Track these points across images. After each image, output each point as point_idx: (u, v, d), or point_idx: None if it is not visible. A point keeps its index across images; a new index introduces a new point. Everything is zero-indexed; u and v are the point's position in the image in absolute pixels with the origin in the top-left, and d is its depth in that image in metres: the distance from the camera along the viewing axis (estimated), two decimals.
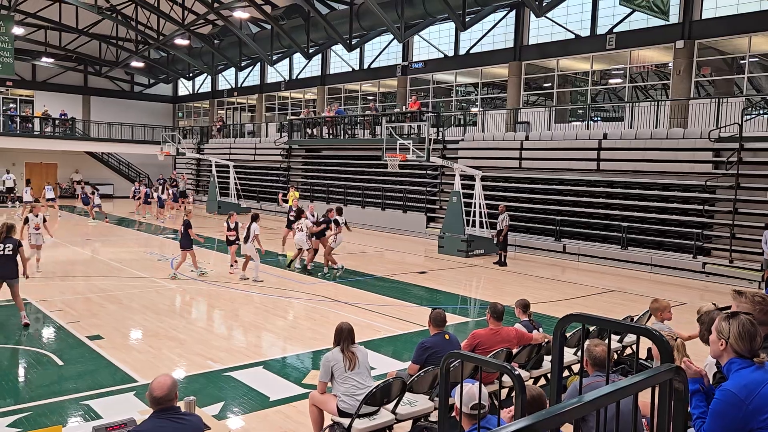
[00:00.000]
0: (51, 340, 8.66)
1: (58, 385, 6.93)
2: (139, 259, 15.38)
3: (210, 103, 39.19)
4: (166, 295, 11.69)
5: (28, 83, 36.63)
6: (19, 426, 5.72)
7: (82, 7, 28.53)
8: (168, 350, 8.19)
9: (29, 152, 34.33)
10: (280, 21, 27.20)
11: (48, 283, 12.22)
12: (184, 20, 28.53)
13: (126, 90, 40.47)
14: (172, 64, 37.42)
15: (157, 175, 37.76)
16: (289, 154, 29.78)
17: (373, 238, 21.80)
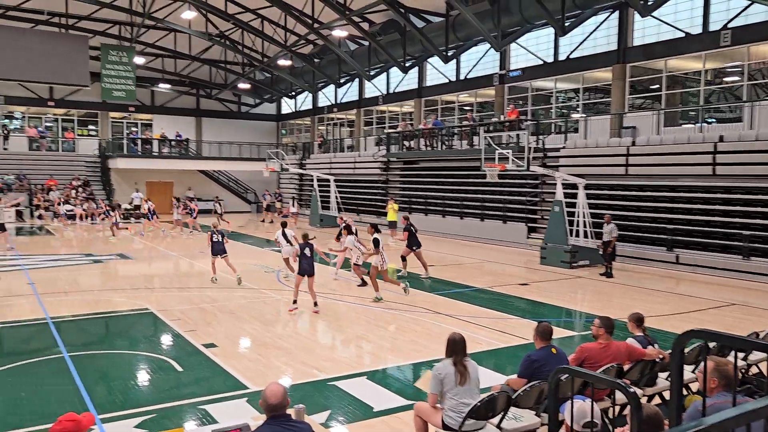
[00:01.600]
0: (170, 347, 9.24)
1: (178, 390, 7.38)
2: (248, 270, 16.08)
3: (311, 119, 40.54)
4: (273, 306, 12.15)
5: (148, 108, 39.55)
6: (145, 427, 6.15)
7: (194, 35, 30.50)
8: (275, 359, 8.51)
9: (149, 172, 36.98)
10: (377, 37, 27.73)
11: (166, 294, 13.07)
12: (286, 42, 29.77)
13: (234, 111, 42.72)
14: (276, 84, 39.10)
15: (262, 191, 39.52)
16: (387, 167, 30.19)
17: (472, 249, 21.60)
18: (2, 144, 35.11)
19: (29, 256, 18.72)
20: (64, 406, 6.64)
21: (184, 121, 40.30)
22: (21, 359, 8.46)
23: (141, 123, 40.07)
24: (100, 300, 12.50)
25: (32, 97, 36.01)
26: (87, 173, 35.99)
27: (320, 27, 27.28)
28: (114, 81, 30.19)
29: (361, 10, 25.10)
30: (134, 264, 17.40)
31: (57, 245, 22.57)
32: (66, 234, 25.98)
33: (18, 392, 7.16)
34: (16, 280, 14.49)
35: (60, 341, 9.26)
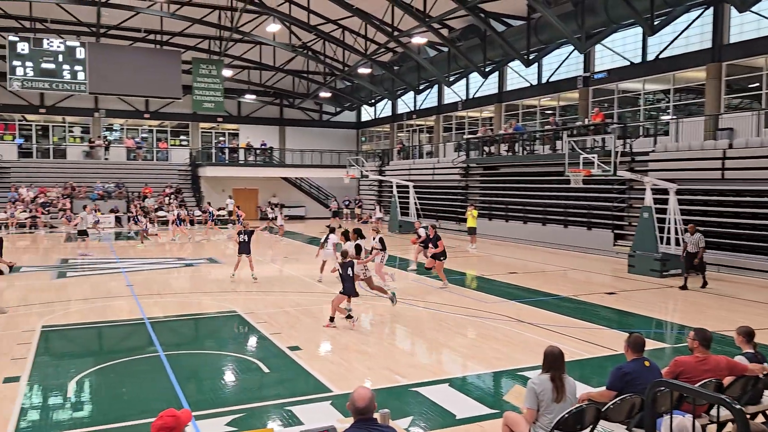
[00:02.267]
0: (257, 349, 9.55)
1: (265, 390, 7.63)
2: (328, 275, 16.36)
3: (390, 126, 40.89)
4: (355, 311, 12.30)
5: (235, 118, 41.18)
6: (234, 425, 6.38)
7: (279, 47, 31.52)
8: (358, 363, 8.62)
9: (236, 179, 38.47)
10: (457, 43, 27.65)
11: (252, 297, 13.53)
12: (366, 50, 30.21)
13: (315, 119, 43.75)
14: (356, 92, 39.74)
15: (342, 197, 40.20)
16: (467, 173, 29.97)
17: (555, 256, 21.06)
18: (104, 154, 37.54)
19: (127, 259, 19.89)
20: (161, 402, 7.00)
21: (268, 130, 41.67)
22: (121, 356, 9.00)
23: (228, 132, 41.76)
24: (191, 302, 13.09)
25: (130, 109, 38.32)
26: (179, 181, 37.87)
27: (400, 35, 27.52)
28: (204, 93, 31.68)
29: (441, 17, 25.11)
30: (223, 268, 18.10)
31: (152, 249, 23.84)
32: (160, 239, 27.39)
33: (119, 388, 7.61)
34: (115, 282, 15.42)
35: (156, 340, 9.77)
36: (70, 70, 28.76)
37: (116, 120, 38.94)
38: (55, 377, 8.00)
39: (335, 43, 31.00)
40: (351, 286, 10.62)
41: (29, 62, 28.04)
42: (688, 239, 14.75)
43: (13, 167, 34.80)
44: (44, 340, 9.84)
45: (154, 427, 3.30)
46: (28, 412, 6.79)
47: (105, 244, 24.94)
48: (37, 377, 7.95)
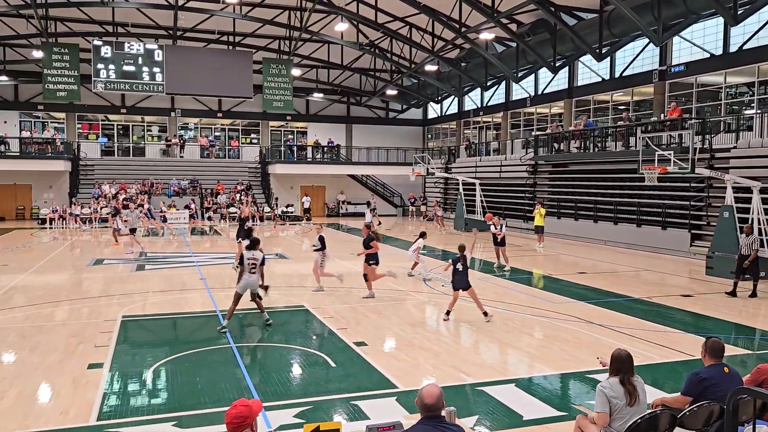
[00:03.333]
0: (324, 343, 9.72)
1: (331, 384, 7.75)
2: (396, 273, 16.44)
3: (457, 123, 40.62)
4: (419, 308, 12.34)
5: (303, 116, 41.97)
6: (302, 418, 6.53)
7: (346, 45, 31.87)
8: (423, 360, 8.63)
9: (304, 176, 39.22)
10: (526, 38, 27.15)
11: (319, 292, 13.75)
12: (433, 47, 30.12)
13: (382, 117, 43.99)
14: (423, 89, 39.69)
15: (408, 194, 40.27)
16: (535, 171, 29.41)
17: (626, 256, 20.38)
18: (179, 152, 39.08)
19: (201, 254, 20.63)
20: (233, 391, 7.26)
21: (335, 128, 42.23)
22: (195, 347, 9.36)
23: (297, 131, 42.60)
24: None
25: (204, 109, 39.70)
26: (249, 178, 38.96)
27: (467, 31, 27.28)
28: (274, 92, 32.42)
29: (510, 12, 24.72)
30: (291, 263, 18.52)
31: (224, 244, 24.63)
32: (231, 234, 28.27)
33: (194, 377, 7.92)
34: (189, 275, 16.04)
35: (228, 332, 10.10)
36: (149, 72, 30.06)
37: (191, 119, 40.43)
38: (134, 365, 8.41)
39: (402, 41, 31.05)
40: (460, 280, 10.93)
41: (111, 65, 29.50)
42: (743, 241, 13.77)
43: (97, 165, 36.76)
44: (124, 329, 10.36)
45: (228, 415, 3.43)
46: (110, 397, 7.17)
47: (180, 238, 25.94)
48: (118, 364, 8.39)
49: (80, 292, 13.66)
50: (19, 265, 17.61)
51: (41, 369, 8.11)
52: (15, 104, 36.30)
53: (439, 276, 16.02)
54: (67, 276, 15.66)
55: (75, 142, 36.55)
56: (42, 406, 6.89)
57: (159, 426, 6.39)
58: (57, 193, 34.83)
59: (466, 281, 11.02)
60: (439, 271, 16.65)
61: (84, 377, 7.79)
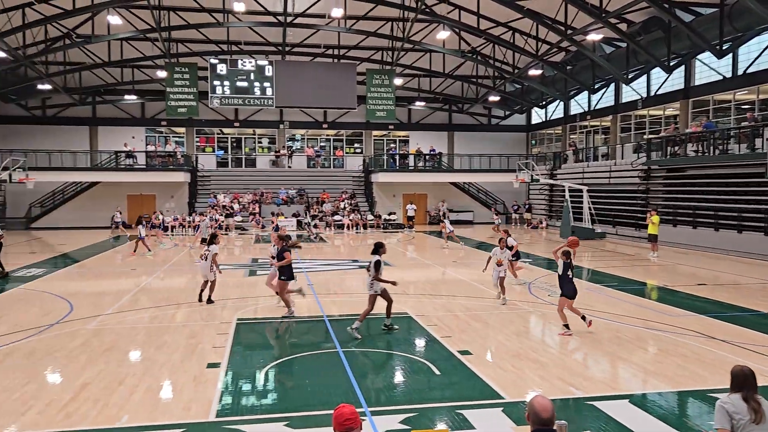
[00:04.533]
0: (428, 351, 9.74)
1: (436, 392, 7.76)
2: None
3: (562, 128, 39.44)
4: (525, 318, 12.08)
5: (405, 125, 42.39)
6: (408, 424, 6.59)
7: (448, 53, 31.91)
8: (530, 371, 8.44)
9: (406, 184, 39.56)
10: (637, 37, 25.93)
11: (422, 300, 13.81)
12: (537, 51, 29.48)
13: (484, 123, 43.55)
14: (526, 94, 38.91)
15: (511, 202, 39.56)
16: (647, 176, 27.96)
17: (753, 267, 18.87)
18: (287, 163, 40.71)
19: (308, 260, 21.35)
20: (340, 395, 7.45)
21: (437, 136, 42.31)
22: (304, 350, 9.70)
23: (399, 139, 43.09)
24: (364, 303, 13.67)
25: (310, 120, 41.12)
26: (353, 187, 39.85)
27: (573, 33, 26.47)
28: (377, 102, 33.02)
29: (619, 11, 23.72)
30: (394, 271, 18.72)
31: (329, 251, 25.34)
32: (336, 242, 29.04)
33: (303, 379, 8.22)
34: (297, 281, 16.61)
35: (334, 337, 10.39)
36: (260, 87, 31.61)
37: (298, 131, 42.00)
38: (248, 366, 8.85)
39: (505, 46, 30.64)
40: (569, 288, 10.59)
41: (226, 81, 31.30)
42: None
43: (213, 175, 39.08)
44: (239, 331, 10.92)
45: (340, 416, 3.51)
46: (227, 396, 7.59)
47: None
48: (233, 365, 8.86)
49: (198, 295, 14.52)
50: (144, 269, 19.03)
51: (166, 366, 8.73)
52: (142, 121, 39.35)
53: (545, 286, 15.61)
54: (185, 280, 16.72)
55: (194, 155, 39.07)
56: (167, 401, 7.41)
57: (272, 425, 6.68)
58: (177, 202, 37.32)
59: (575, 288, 10.67)
60: (543, 281, 16.21)
61: (203, 376, 8.30)
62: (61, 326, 11.21)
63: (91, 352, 9.47)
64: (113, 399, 7.37)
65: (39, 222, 36.12)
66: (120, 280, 17.12)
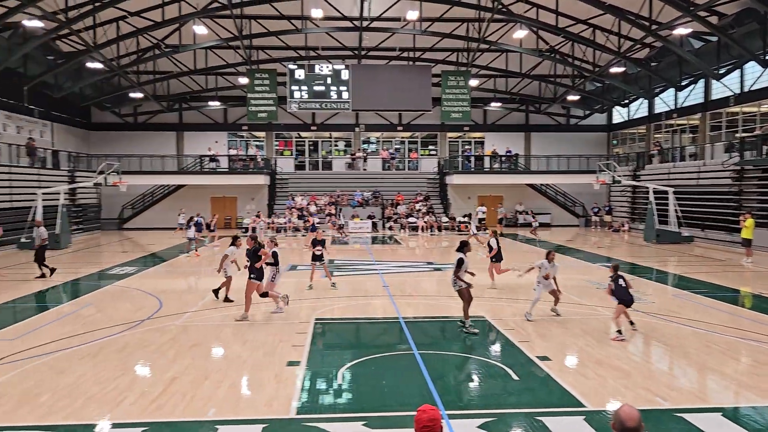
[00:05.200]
0: (505, 355, 9.60)
1: (514, 398, 7.64)
2: (578, 286, 15.77)
3: (646, 127, 37.86)
4: (606, 324, 11.66)
5: (480, 126, 41.94)
6: (486, 429, 6.52)
7: (525, 53, 31.34)
8: (613, 380, 8.15)
9: (481, 186, 39.14)
10: (729, 30, 24.55)
11: (499, 304, 13.62)
12: (619, 48, 28.47)
13: (562, 123, 42.45)
14: (607, 92, 37.64)
15: (591, 204, 38.34)
16: (741, 176, 26.40)
17: None
18: (362, 165, 41.18)
19: (383, 261, 21.50)
20: (417, 397, 7.46)
21: (513, 137, 41.61)
22: (380, 351, 9.78)
23: (474, 141, 42.68)
24: (440, 305, 13.67)
25: (385, 123, 41.42)
26: (428, 189, 39.82)
27: (659, 28, 25.37)
28: (452, 104, 32.89)
29: (709, 3, 22.56)
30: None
31: (403, 253, 25.42)
32: (410, 244, 29.10)
33: (380, 380, 8.28)
34: (372, 282, 16.78)
35: (410, 339, 10.42)
36: (337, 91, 32.16)
37: (373, 133, 42.39)
38: (326, 365, 9.01)
39: (585, 44, 29.78)
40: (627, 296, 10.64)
41: (304, 86, 32.06)
42: None
43: (291, 178, 40.07)
44: (317, 331, 11.14)
45: (420, 420, 3.51)
46: (306, 394, 7.76)
47: (363, 247, 27.25)
48: (312, 363, 9.05)
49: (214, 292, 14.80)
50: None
51: (248, 363, 9.03)
52: (224, 126, 40.89)
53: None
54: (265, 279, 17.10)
55: (273, 158, 40.22)
56: (250, 397, 7.66)
57: (350, 425, 6.77)
58: (257, 204, 38.50)
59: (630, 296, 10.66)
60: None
61: (284, 373, 8.52)
62: (151, 322, 11.82)
63: (179, 347, 9.93)
64: (200, 393, 7.70)
65: (130, 223, 38.20)
66: (203, 279, 17.84)
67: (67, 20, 23.84)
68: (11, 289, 15.67)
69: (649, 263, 20.76)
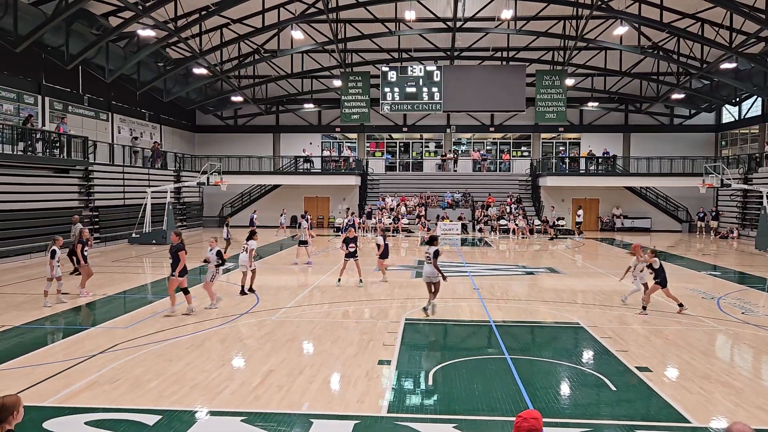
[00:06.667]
0: (602, 364, 9.24)
1: (612, 409, 7.34)
2: (682, 295, 14.93)
3: (760, 127, 35.27)
4: (713, 336, 10.99)
5: (576, 127, 40.63)
6: None
7: (625, 50, 30.06)
8: (721, 396, 7.66)
9: (576, 189, 37.89)
10: None
11: (594, 310, 13.13)
12: (731, 43, 26.69)
13: (665, 123, 40.36)
14: (716, 91, 35.37)
15: (696, 209, 36.19)
16: None
17: None
18: (453, 166, 40.99)
19: (473, 264, 21.30)
20: (510, 403, 7.34)
21: (611, 138, 40.01)
22: (471, 354, 9.70)
23: (569, 142, 41.41)
24: (531, 309, 13.37)
25: (476, 124, 41.01)
26: (519, 191, 39.04)
27: None
28: (546, 104, 32.04)
29: None
30: (563, 278, 18.04)
31: (494, 256, 25.07)
32: (501, 246, 28.64)
33: (471, 383, 8.21)
34: (463, 285, 16.65)
35: (501, 343, 10.26)
36: (428, 92, 32.17)
37: (464, 134, 42.08)
38: (416, 365, 9.05)
39: (692, 39, 28.12)
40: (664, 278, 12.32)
41: (396, 88, 32.30)
42: None
43: (382, 179, 40.54)
44: (407, 331, 11.21)
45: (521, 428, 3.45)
46: (397, 393, 7.83)
47: (453, 249, 27.10)
48: (402, 363, 9.11)
49: (368, 294, 15.15)
50: (321, 267, 20.24)
51: (341, 360, 9.22)
52: (318, 128, 41.98)
53: (738, 302, 14.09)
54: (355, 279, 17.33)
55: (364, 159, 40.84)
56: (342, 393, 7.82)
57: (441, 426, 6.77)
58: (349, 204, 39.24)
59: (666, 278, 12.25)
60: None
61: (375, 371, 8.64)
62: (249, 316, 12.33)
63: (275, 341, 10.30)
64: (295, 386, 7.95)
65: (229, 220, 40.00)
66: (297, 276, 18.39)
67: (176, 29, 25.32)
68: (123, 281, 16.83)
69: (761, 273, 19.34)
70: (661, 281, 12.40)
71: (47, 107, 26.12)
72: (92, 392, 7.71)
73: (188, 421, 6.82)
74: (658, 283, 12.45)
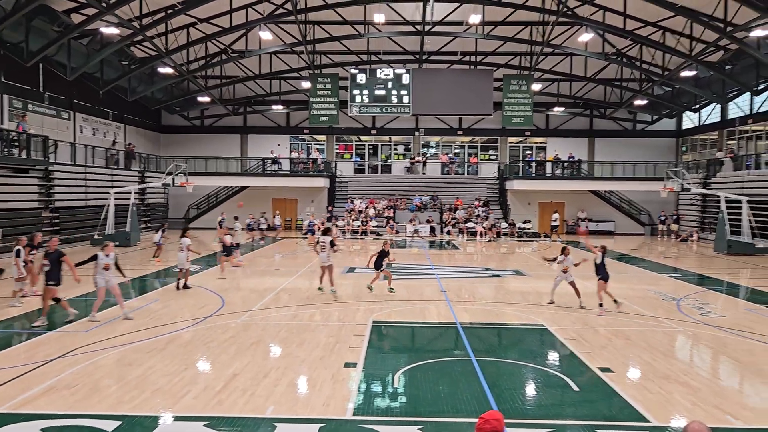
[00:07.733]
0: (566, 365, 9.38)
1: (574, 409, 7.46)
2: (643, 297, 15.25)
3: (719, 133, 36.29)
4: (672, 336, 11.24)
5: (542, 131, 41.21)
6: None
7: (590, 56, 30.61)
8: (680, 396, 7.84)
9: (542, 192, 38.43)
10: None
11: (558, 312, 13.31)
12: (691, 52, 27.41)
13: (628, 129, 41.21)
14: (677, 97, 36.27)
15: (658, 212, 37.02)
16: None
17: None
18: (421, 169, 41.15)
19: (440, 266, 21.40)
20: (474, 404, 7.39)
21: (576, 142, 40.67)
22: (437, 356, 9.74)
23: (535, 146, 41.96)
24: (497, 311, 13.49)
25: (445, 127, 41.27)
26: (487, 194, 39.40)
27: (734, 30, 24.26)
28: (513, 108, 32.39)
29: None
30: (528, 281, 18.25)
31: (461, 258, 25.22)
32: (468, 249, 28.85)
33: (437, 385, 8.23)
34: (430, 287, 16.72)
35: (467, 345, 10.33)
36: (397, 95, 32.24)
37: (433, 138, 42.29)
38: (383, 367, 9.04)
39: (654, 47, 28.79)
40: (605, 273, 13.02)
41: (365, 90, 32.28)
42: None
43: (350, 181, 40.47)
44: (374, 333, 11.19)
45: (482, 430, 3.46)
46: (363, 396, 7.80)
47: (422, 251, 27.20)
48: (369, 366, 9.09)
49: (335, 297, 15.07)
50: (287, 269, 20.10)
51: (307, 363, 9.16)
52: (287, 129, 41.71)
53: (696, 304, 14.45)
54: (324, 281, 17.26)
55: (333, 162, 40.72)
56: (308, 396, 7.77)
57: (406, 429, 6.77)
58: (317, 207, 39.06)
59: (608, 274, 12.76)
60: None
61: (341, 374, 8.60)
62: (213, 319, 12.16)
63: (239, 344, 10.17)
64: (259, 390, 7.87)
65: (195, 222, 39.42)
66: (264, 278, 18.22)
67: (141, 27, 24.87)
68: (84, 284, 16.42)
69: (719, 275, 19.88)
70: (603, 276, 12.98)
71: (6, 105, 25.40)
72: (50, 397, 7.51)
73: (149, 426, 6.69)
74: (601, 278, 13.00)
